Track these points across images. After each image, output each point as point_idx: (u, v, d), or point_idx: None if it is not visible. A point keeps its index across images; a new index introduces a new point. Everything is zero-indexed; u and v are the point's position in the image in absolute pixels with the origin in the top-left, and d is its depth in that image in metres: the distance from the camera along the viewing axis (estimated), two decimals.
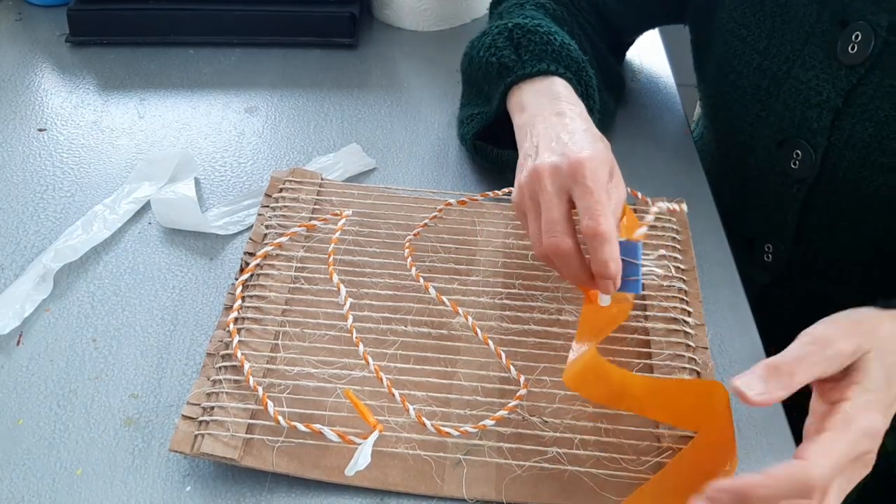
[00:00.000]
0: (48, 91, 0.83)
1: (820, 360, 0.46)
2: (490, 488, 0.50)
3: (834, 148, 0.65)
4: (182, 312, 0.61)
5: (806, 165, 0.67)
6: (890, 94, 0.61)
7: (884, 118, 0.61)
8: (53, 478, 0.50)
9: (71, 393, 0.55)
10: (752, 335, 0.61)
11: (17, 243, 0.65)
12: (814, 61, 0.64)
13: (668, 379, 0.55)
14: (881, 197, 0.64)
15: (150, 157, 0.72)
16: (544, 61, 0.64)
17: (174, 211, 0.66)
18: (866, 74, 0.61)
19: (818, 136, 0.65)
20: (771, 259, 0.74)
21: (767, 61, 0.67)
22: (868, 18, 0.60)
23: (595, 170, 0.53)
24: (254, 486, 0.50)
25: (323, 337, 0.58)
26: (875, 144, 0.62)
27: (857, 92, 0.62)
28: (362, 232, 0.65)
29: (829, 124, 0.64)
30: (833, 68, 0.63)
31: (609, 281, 0.52)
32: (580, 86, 0.65)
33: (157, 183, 0.70)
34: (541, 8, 0.73)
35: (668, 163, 0.76)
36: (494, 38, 0.68)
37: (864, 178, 0.64)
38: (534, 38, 0.66)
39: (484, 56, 0.68)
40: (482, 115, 0.70)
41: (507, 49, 0.66)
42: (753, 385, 0.44)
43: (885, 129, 0.61)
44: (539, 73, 0.64)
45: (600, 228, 0.51)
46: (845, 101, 0.63)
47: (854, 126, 0.63)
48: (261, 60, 0.88)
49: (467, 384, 0.55)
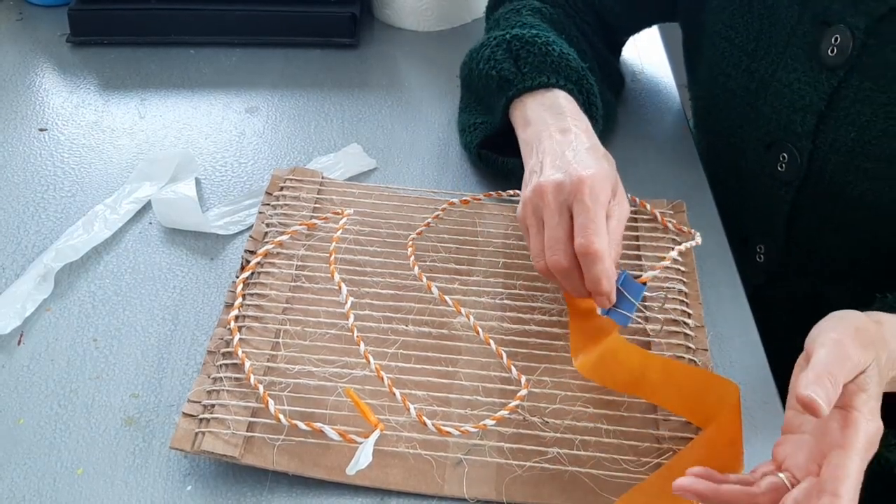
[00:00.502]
0: (49, 91, 0.83)
1: (846, 372, 0.45)
2: (490, 488, 0.50)
3: (819, 151, 0.65)
4: (183, 311, 0.61)
5: (792, 168, 0.67)
6: (870, 97, 0.61)
7: (865, 122, 0.61)
8: (54, 477, 0.50)
9: (72, 392, 0.55)
10: (752, 336, 0.61)
11: (18, 243, 0.65)
12: (796, 63, 0.64)
13: (687, 365, 0.55)
14: (866, 202, 0.64)
15: (151, 157, 0.72)
16: (544, 73, 0.65)
17: (175, 211, 0.66)
18: (846, 77, 0.61)
19: (803, 139, 0.65)
20: (763, 259, 0.75)
21: (755, 63, 0.68)
22: (847, 21, 0.60)
23: (595, 187, 0.54)
24: (254, 485, 0.50)
25: (324, 336, 0.58)
26: (858, 149, 0.62)
27: (839, 95, 0.62)
28: (363, 231, 0.65)
29: (813, 128, 0.64)
30: (815, 71, 0.63)
31: (603, 297, 0.54)
32: (581, 95, 0.66)
33: (157, 183, 0.70)
34: (537, 13, 0.73)
35: (668, 163, 0.76)
36: (493, 51, 0.68)
37: (849, 182, 0.64)
38: (532, 50, 0.66)
39: (484, 69, 0.68)
40: (486, 126, 0.71)
41: (506, 62, 0.66)
42: (820, 394, 0.43)
43: (866, 133, 0.62)
44: (540, 85, 0.64)
45: (592, 247, 0.52)
46: (828, 104, 0.63)
47: (838, 129, 0.63)
48: (261, 60, 0.88)
49: (468, 384, 0.55)
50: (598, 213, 0.53)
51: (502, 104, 0.66)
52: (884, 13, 0.59)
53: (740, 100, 0.70)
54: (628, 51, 0.90)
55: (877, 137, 0.61)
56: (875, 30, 0.59)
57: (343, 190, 0.69)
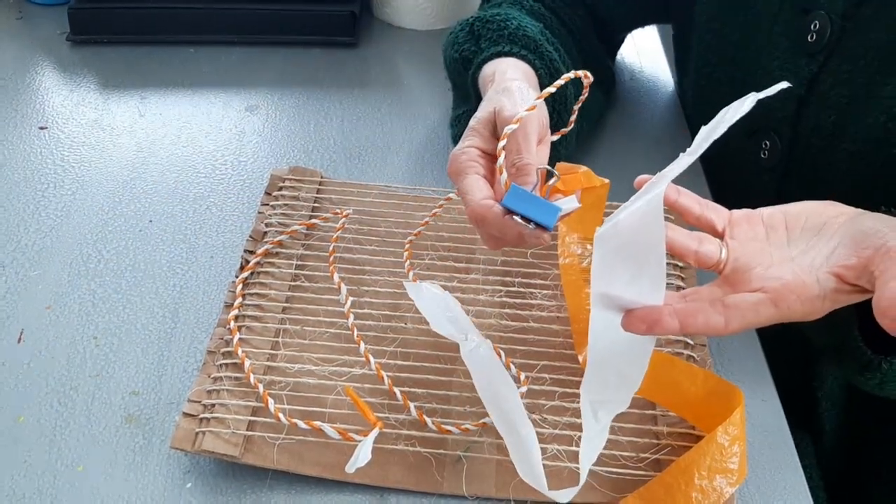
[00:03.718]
0: (49, 89, 0.83)
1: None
2: (490, 485, 0.50)
3: (800, 136, 0.65)
4: (182, 310, 0.61)
5: (774, 155, 0.67)
6: (848, 79, 0.61)
7: (845, 104, 0.61)
8: (54, 474, 0.51)
9: (72, 390, 0.55)
10: (749, 332, 0.61)
11: (18, 241, 0.65)
12: (778, 51, 0.65)
13: (693, 367, 0.55)
14: (848, 183, 0.64)
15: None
16: (500, 44, 0.64)
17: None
18: (825, 62, 0.61)
19: (784, 125, 0.65)
20: None
21: (740, 53, 0.68)
22: (825, 6, 0.60)
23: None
24: (254, 483, 0.51)
25: (323, 335, 0.58)
26: (838, 131, 0.62)
27: (818, 80, 0.62)
28: (362, 230, 0.66)
29: (793, 113, 0.64)
30: (796, 57, 0.63)
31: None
32: (542, 62, 0.65)
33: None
34: (516, 4, 0.73)
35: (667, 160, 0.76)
36: (457, 35, 0.69)
37: (831, 164, 0.64)
38: (491, 27, 0.66)
39: (450, 54, 0.69)
40: (467, 114, 0.70)
41: (467, 42, 0.67)
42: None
43: (846, 115, 0.62)
44: (495, 55, 0.64)
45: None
46: (808, 89, 0.63)
47: (818, 114, 0.63)
48: (261, 59, 0.88)
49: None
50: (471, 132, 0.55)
51: (470, 84, 0.66)
52: None
53: (726, 90, 0.70)
54: (628, 50, 0.90)
55: (855, 119, 0.61)
56: (853, 14, 0.59)
57: (342, 189, 0.70)
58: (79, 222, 0.67)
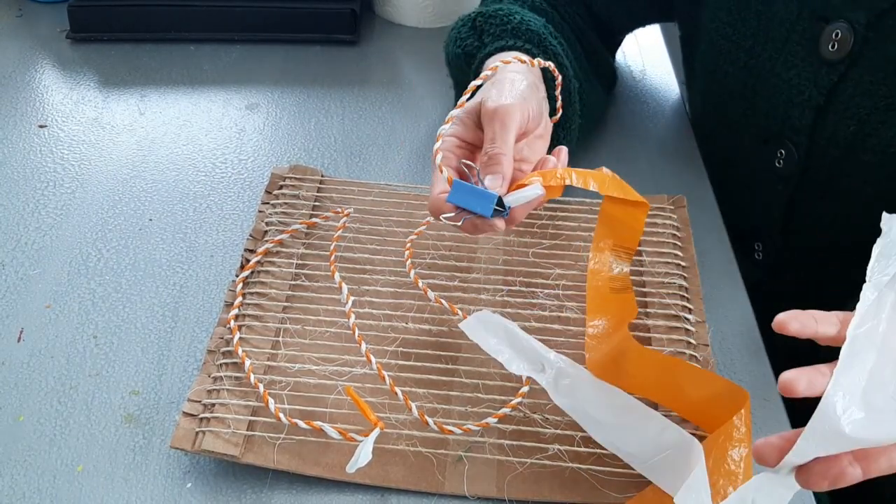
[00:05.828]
0: (49, 87, 0.83)
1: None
2: (491, 485, 0.50)
3: (817, 146, 0.65)
4: (182, 309, 0.61)
5: (789, 163, 0.67)
6: (871, 90, 0.60)
7: (865, 115, 0.61)
8: (54, 474, 0.50)
9: (71, 389, 0.55)
10: (753, 332, 0.61)
11: (18, 240, 0.65)
12: (795, 59, 0.64)
13: (698, 368, 0.55)
14: (865, 194, 0.64)
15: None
16: (503, 38, 0.64)
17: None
18: (847, 71, 0.61)
19: (801, 134, 0.65)
20: (762, 256, 0.74)
21: (753, 60, 0.67)
22: (846, 16, 0.60)
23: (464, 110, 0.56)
24: (254, 483, 0.50)
25: (324, 334, 0.58)
26: (858, 142, 0.62)
27: (838, 89, 0.62)
28: (363, 229, 0.65)
29: (811, 122, 0.64)
30: (815, 66, 0.63)
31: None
32: (545, 55, 0.64)
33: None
34: (518, 0, 0.72)
35: (669, 159, 0.76)
36: (459, 31, 0.68)
37: (848, 175, 0.64)
38: (494, 21, 0.66)
39: (452, 49, 0.69)
40: None
41: (470, 38, 0.66)
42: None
43: (866, 125, 0.61)
44: (498, 49, 0.64)
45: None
46: (827, 98, 0.62)
47: (837, 124, 0.63)
48: (262, 57, 0.88)
49: (468, 381, 0.55)
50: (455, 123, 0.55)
51: (472, 80, 0.65)
52: (886, 8, 0.59)
53: (738, 96, 0.70)
54: (630, 49, 0.89)
55: (876, 129, 0.61)
56: (876, 24, 0.59)
57: (343, 187, 0.69)
58: (78, 221, 0.67)
